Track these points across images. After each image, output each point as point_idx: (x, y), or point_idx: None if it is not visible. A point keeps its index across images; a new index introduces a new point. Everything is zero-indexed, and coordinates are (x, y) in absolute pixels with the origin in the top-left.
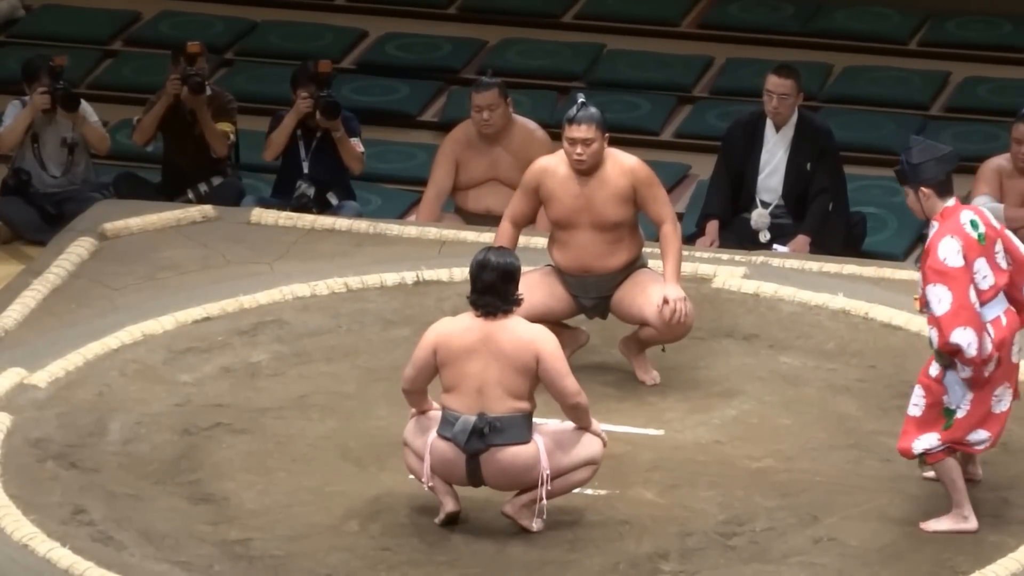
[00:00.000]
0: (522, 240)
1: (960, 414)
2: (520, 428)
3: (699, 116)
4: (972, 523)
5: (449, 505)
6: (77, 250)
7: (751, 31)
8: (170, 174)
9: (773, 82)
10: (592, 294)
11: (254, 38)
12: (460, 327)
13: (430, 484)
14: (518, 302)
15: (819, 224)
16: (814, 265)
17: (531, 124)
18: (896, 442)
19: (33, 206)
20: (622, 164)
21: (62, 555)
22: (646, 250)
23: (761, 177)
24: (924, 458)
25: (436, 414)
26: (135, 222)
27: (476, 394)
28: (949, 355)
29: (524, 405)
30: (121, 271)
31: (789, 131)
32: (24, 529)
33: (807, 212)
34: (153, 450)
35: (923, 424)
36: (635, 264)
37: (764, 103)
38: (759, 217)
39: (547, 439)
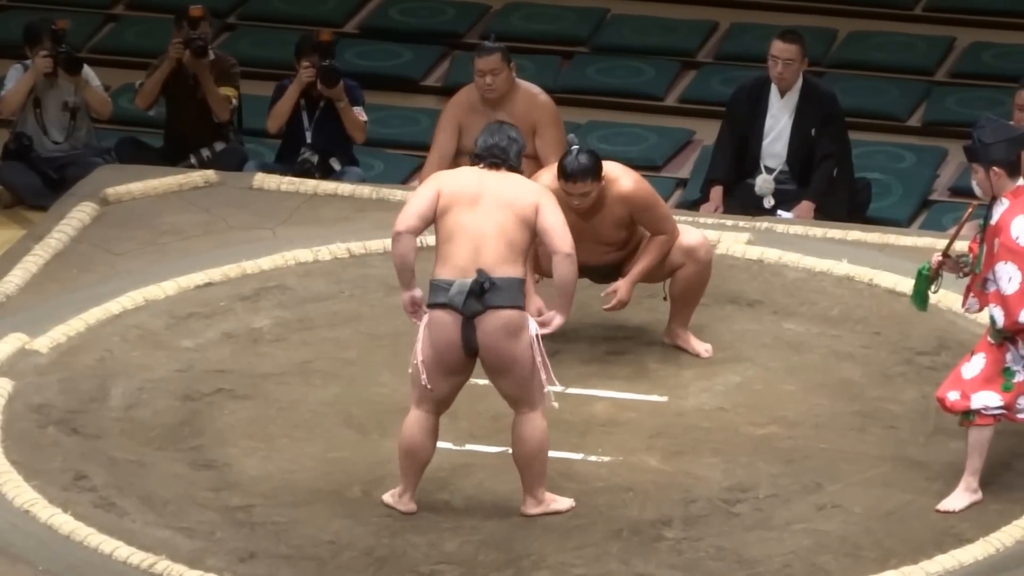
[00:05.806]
0: None
1: (1019, 377)
2: (517, 292)
3: (703, 81)
4: (979, 494)
5: (405, 503)
6: (79, 215)
7: None
8: (172, 139)
9: (778, 47)
10: (598, 273)
11: (257, 2)
12: (463, 174)
13: (420, 360)
14: (521, 171)
15: (823, 190)
16: (818, 231)
17: (534, 89)
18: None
19: (35, 171)
20: (620, 190)
21: (63, 521)
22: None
23: (765, 143)
24: (974, 417)
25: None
26: (137, 187)
27: (473, 252)
28: (1015, 334)
29: (518, 269)
30: (123, 236)
31: (794, 96)
32: (25, 495)
33: (811, 178)
34: (155, 416)
35: (980, 381)
36: (637, 247)
37: (769, 68)
38: (763, 183)
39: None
